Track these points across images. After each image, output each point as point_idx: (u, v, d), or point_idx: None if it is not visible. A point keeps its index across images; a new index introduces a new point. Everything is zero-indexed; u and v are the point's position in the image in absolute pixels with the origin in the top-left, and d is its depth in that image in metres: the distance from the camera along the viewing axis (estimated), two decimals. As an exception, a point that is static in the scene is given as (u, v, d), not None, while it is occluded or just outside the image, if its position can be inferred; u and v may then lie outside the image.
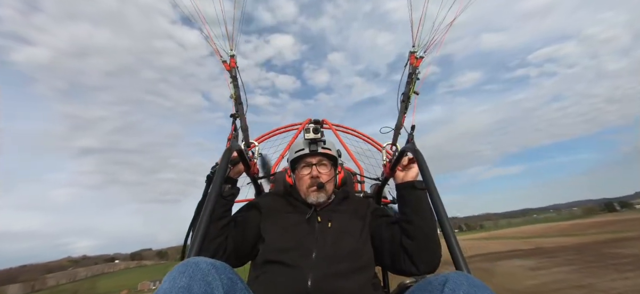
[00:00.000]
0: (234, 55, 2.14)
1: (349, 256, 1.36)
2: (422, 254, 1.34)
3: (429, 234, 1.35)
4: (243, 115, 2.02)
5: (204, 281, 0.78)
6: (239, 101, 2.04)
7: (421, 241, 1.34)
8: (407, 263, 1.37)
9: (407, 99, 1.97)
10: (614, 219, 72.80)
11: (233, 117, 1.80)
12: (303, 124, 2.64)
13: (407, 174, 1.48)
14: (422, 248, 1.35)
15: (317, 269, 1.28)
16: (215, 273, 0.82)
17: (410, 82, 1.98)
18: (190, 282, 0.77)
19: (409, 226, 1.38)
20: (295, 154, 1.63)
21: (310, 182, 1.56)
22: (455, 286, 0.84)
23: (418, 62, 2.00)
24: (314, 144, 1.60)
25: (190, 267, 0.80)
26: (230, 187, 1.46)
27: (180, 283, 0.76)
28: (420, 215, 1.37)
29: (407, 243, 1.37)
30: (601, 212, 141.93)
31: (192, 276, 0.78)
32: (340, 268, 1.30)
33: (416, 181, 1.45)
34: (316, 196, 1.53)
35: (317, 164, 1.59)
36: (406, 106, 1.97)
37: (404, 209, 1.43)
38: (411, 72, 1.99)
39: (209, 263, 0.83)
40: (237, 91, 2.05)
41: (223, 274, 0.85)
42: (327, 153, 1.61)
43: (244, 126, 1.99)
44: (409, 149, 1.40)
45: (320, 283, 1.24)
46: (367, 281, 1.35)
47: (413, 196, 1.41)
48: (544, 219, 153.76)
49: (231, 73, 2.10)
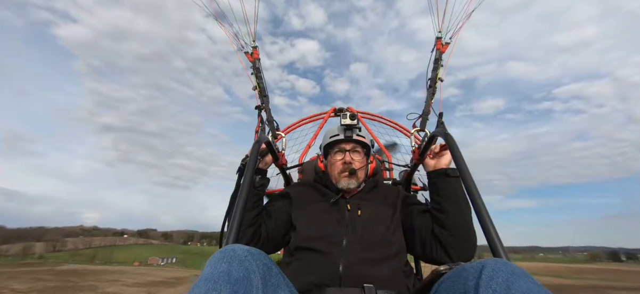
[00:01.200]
0: (256, 47, 2.11)
1: (379, 244, 1.36)
2: (456, 244, 1.31)
3: (464, 224, 1.31)
4: (268, 107, 2.03)
5: (242, 266, 0.82)
6: (263, 92, 2.05)
7: (455, 230, 1.31)
8: (440, 252, 1.33)
9: (434, 84, 1.95)
10: (615, 269, 74.26)
11: (258, 109, 1.90)
12: (328, 113, 2.73)
13: (439, 161, 1.45)
14: (456, 238, 1.31)
15: (348, 256, 1.30)
16: (252, 259, 0.86)
17: (436, 67, 1.96)
18: (229, 267, 0.81)
19: (441, 214, 1.34)
20: (330, 139, 1.64)
21: (343, 167, 1.57)
22: (494, 274, 0.78)
23: (444, 48, 1.99)
24: (349, 131, 1.61)
25: (229, 253, 0.85)
26: (261, 178, 1.51)
27: (221, 268, 0.80)
28: (454, 204, 1.34)
29: (440, 232, 1.33)
30: (606, 260, 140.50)
31: (230, 261, 0.82)
32: (371, 256, 1.31)
33: (449, 168, 1.41)
34: (347, 181, 1.55)
35: (350, 150, 1.60)
36: (433, 92, 1.94)
37: (437, 198, 1.39)
38: (437, 57, 1.97)
39: (245, 250, 0.87)
40: (260, 83, 2.05)
41: (259, 260, 0.88)
42: (361, 141, 1.62)
43: (270, 118, 2.02)
44: (440, 133, 1.36)
45: (352, 269, 1.26)
46: (398, 269, 1.34)
47: (446, 184, 1.38)
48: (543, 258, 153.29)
49: (254, 64, 2.08)
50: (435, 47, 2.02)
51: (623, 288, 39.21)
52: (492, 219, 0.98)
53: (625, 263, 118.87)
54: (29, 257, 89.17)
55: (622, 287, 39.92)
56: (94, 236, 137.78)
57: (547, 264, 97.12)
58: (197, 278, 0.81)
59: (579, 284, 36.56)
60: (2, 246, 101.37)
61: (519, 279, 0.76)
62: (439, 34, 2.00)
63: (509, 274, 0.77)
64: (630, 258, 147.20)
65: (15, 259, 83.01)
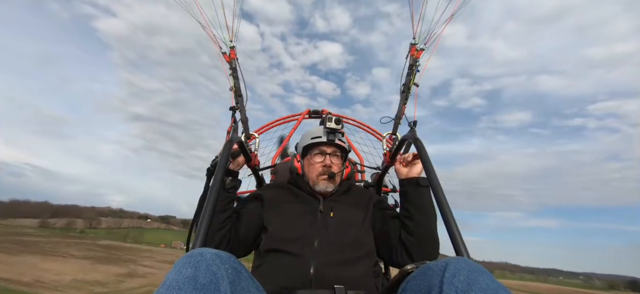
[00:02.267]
0: (233, 47, 2.07)
1: (351, 245, 1.38)
2: (420, 251, 1.37)
3: (429, 232, 1.38)
4: (243, 107, 2.00)
5: (209, 271, 0.80)
6: (238, 92, 2.00)
7: (420, 237, 1.37)
8: (405, 257, 1.39)
9: (408, 89, 1.97)
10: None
11: (232, 110, 1.86)
12: (302, 114, 2.73)
13: (411, 170, 1.48)
14: (420, 244, 1.37)
15: (319, 257, 1.30)
16: (220, 263, 0.84)
17: (411, 73, 1.98)
18: (195, 272, 0.78)
19: (409, 222, 1.40)
20: (311, 140, 1.62)
21: (322, 170, 1.57)
22: (456, 271, 0.83)
23: (419, 53, 2.00)
24: (332, 134, 1.60)
25: (195, 257, 0.82)
26: (232, 179, 1.49)
27: (186, 273, 0.78)
28: (422, 212, 1.40)
29: (407, 238, 1.39)
30: (624, 289, 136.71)
31: (197, 266, 0.80)
32: (343, 256, 1.32)
33: (420, 178, 1.46)
34: (325, 184, 1.55)
35: (331, 154, 1.60)
36: (406, 96, 1.96)
37: (407, 206, 1.44)
38: (411, 63, 1.99)
39: (213, 254, 0.85)
40: (236, 83, 2.00)
41: (227, 264, 0.86)
42: (342, 146, 1.63)
43: (244, 118, 1.98)
44: (409, 138, 1.40)
45: (323, 271, 1.26)
46: (368, 269, 1.36)
47: (416, 193, 1.43)
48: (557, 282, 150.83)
49: (231, 65, 2.03)
50: (410, 53, 2.04)
51: None
52: (456, 221, 1.06)
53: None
54: (72, 231, 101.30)
55: None
56: (122, 218, 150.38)
57: (560, 287, 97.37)
58: None
59: None
60: (50, 220, 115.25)
61: (479, 276, 0.81)
62: (413, 41, 2.03)
63: (470, 271, 0.82)
64: None
65: (62, 231, 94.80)
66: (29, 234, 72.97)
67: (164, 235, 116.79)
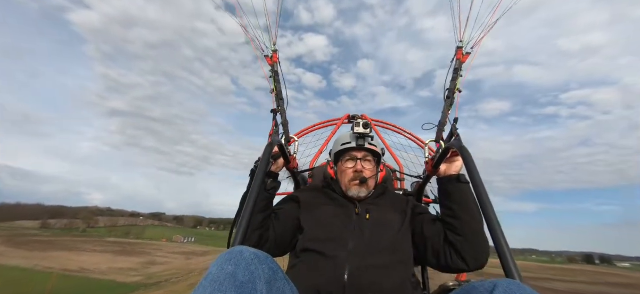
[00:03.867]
0: (276, 50, 2.10)
1: (386, 249, 1.34)
2: (470, 250, 1.30)
3: (477, 229, 1.31)
4: (284, 110, 2.03)
5: (247, 269, 0.82)
6: (280, 96, 2.03)
7: (469, 236, 1.30)
8: (455, 259, 1.32)
9: (452, 94, 1.88)
10: (577, 269, 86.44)
11: (273, 113, 1.88)
12: (341, 119, 2.75)
13: (449, 167, 1.45)
14: (470, 244, 1.30)
15: (354, 260, 1.28)
16: (258, 262, 0.86)
17: (456, 77, 1.90)
18: (235, 269, 0.81)
19: (454, 220, 1.34)
20: (341, 146, 1.64)
21: (353, 175, 1.57)
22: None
23: (465, 58, 1.93)
24: (361, 139, 1.60)
25: (235, 255, 0.84)
26: (272, 181, 1.51)
27: (227, 270, 0.81)
28: (466, 209, 1.33)
29: (454, 238, 1.33)
30: (580, 262, 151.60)
31: (237, 263, 0.82)
32: (378, 260, 1.29)
33: (460, 174, 1.41)
34: (357, 189, 1.55)
35: (361, 158, 1.60)
36: (451, 102, 1.86)
37: (448, 204, 1.39)
38: (457, 67, 1.91)
39: (252, 252, 0.87)
40: (278, 86, 2.03)
41: (264, 264, 0.88)
42: (372, 149, 1.62)
43: (284, 121, 2.01)
44: (454, 146, 1.32)
45: (357, 275, 1.24)
46: (405, 278, 1.31)
47: (457, 189, 1.38)
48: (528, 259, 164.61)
49: (273, 68, 2.07)
50: (456, 56, 1.95)
51: (556, 279, 51.27)
52: (505, 235, 0.94)
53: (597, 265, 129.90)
54: (74, 230, 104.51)
55: (556, 279, 51.98)
56: (113, 216, 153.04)
57: (526, 263, 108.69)
58: (205, 272, 0.82)
59: (539, 277, 49.61)
60: (51, 220, 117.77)
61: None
62: (459, 44, 1.95)
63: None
64: (604, 261, 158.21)
65: (65, 231, 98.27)
66: (38, 234, 76.79)
67: (162, 231, 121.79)
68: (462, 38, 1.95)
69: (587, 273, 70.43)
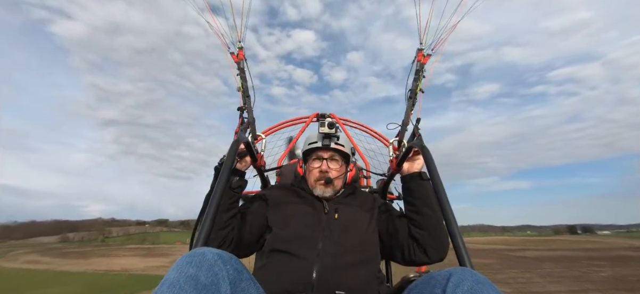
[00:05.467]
0: (242, 47, 2.07)
1: (355, 248, 1.37)
2: (433, 243, 1.38)
3: (438, 224, 1.38)
4: (250, 108, 2.01)
5: (210, 271, 0.80)
6: (246, 93, 2.02)
7: (431, 230, 1.38)
8: (418, 252, 1.39)
9: (414, 95, 1.94)
10: (557, 239, 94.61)
11: (240, 110, 1.86)
12: (310, 117, 2.73)
13: (412, 166, 1.52)
14: (432, 237, 1.37)
15: (323, 260, 1.29)
16: (222, 264, 0.84)
17: (417, 79, 1.96)
18: (197, 272, 0.78)
19: (417, 215, 1.41)
20: (308, 146, 1.66)
21: (319, 175, 1.59)
22: (459, 281, 0.83)
23: (425, 59, 1.99)
24: (327, 139, 1.62)
25: (197, 257, 0.82)
26: (238, 179, 1.48)
27: (188, 273, 0.78)
28: (427, 205, 1.40)
29: (417, 232, 1.39)
30: (565, 233, 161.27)
31: (199, 265, 0.80)
32: (346, 260, 1.32)
33: (422, 172, 1.48)
34: (322, 189, 1.57)
35: (328, 158, 1.61)
36: (413, 103, 1.94)
37: (411, 200, 1.45)
38: (418, 68, 1.97)
39: (215, 254, 0.85)
40: (244, 84, 2.02)
41: (229, 265, 0.86)
42: (339, 149, 1.63)
43: (251, 119, 1.99)
44: (416, 145, 1.42)
45: (326, 275, 1.25)
46: (372, 275, 1.36)
47: (420, 186, 1.44)
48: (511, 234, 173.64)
49: (239, 65, 2.05)
50: (416, 58, 2.01)
51: (529, 249, 58.36)
52: (459, 229, 1.05)
53: (578, 235, 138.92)
54: (94, 241, 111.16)
55: (529, 248, 58.89)
56: (120, 226, 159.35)
57: (506, 238, 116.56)
58: None
59: (502, 248, 55.80)
60: (69, 234, 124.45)
61: (483, 289, 0.80)
62: (420, 46, 2.01)
63: (474, 283, 0.82)
64: (586, 231, 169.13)
65: (86, 243, 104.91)
66: (65, 247, 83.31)
67: (174, 236, 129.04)
68: (423, 40, 2.02)
69: (562, 241, 77.90)
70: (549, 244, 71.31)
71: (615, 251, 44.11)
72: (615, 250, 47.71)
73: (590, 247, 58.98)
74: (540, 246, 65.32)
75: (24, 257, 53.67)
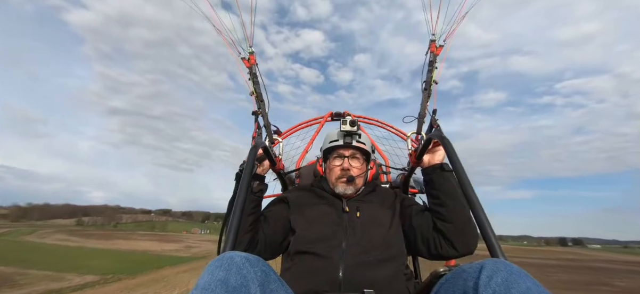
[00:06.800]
0: (252, 52, 2.09)
1: (379, 246, 1.37)
2: (460, 236, 1.33)
3: (465, 215, 1.33)
4: (265, 112, 2.02)
5: (239, 274, 0.82)
6: (260, 98, 2.02)
7: (457, 222, 1.33)
8: (445, 246, 1.35)
9: (429, 87, 1.93)
10: (545, 250, 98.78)
11: (255, 115, 1.90)
12: (325, 117, 2.74)
13: (433, 157, 1.48)
14: (458, 229, 1.33)
15: (348, 259, 1.30)
16: (250, 266, 0.86)
17: (431, 70, 1.95)
18: (227, 275, 0.81)
19: (441, 208, 1.37)
20: (329, 144, 1.65)
21: (341, 173, 1.58)
22: (492, 273, 0.80)
23: (438, 50, 1.98)
24: (348, 137, 1.61)
25: (226, 261, 0.84)
26: (259, 183, 1.50)
27: (218, 276, 0.80)
28: (451, 196, 1.36)
29: (443, 225, 1.36)
30: (555, 245, 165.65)
31: (228, 269, 0.82)
32: (371, 257, 1.32)
33: (443, 163, 1.44)
34: (344, 187, 1.56)
35: (349, 156, 1.61)
36: (428, 94, 1.92)
37: (435, 193, 1.41)
38: (432, 60, 1.97)
39: (243, 257, 0.87)
40: (257, 88, 2.03)
41: (256, 267, 0.88)
42: (361, 147, 1.63)
43: (267, 123, 2.01)
44: (436, 136, 1.38)
45: (352, 273, 1.27)
46: (398, 271, 1.35)
47: (442, 178, 1.41)
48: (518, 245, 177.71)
49: (251, 70, 2.06)
50: (429, 49, 2.01)
51: (515, 257, 62.87)
52: (488, 219, 0.99)
53: (568, 247, 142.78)
54: (106, 226, 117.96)
55: (515, 257, 63.02)
56: (127, 214, 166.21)
57: (511, 246, 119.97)
58: None
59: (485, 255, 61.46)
60: (84, 218, 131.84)
61: (518, 279, 0.77)
62: (432, 37, 2.01)
63: (508, 274, 0.78)
64: (577, 244, 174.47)
65: (100, 227, 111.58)
66: (82, 230, 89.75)
67: (180, 225, 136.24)
68: (435, 31, 2.01)
69: (545, 252, 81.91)
70: (530, 253, 75.43)
71: (589, 262, 46.95)
72: (589, 262, 50.94)
73: (569, 258, 62.79)
74: (519, 254, 69.69)
75: (53, 236, 60.00)
